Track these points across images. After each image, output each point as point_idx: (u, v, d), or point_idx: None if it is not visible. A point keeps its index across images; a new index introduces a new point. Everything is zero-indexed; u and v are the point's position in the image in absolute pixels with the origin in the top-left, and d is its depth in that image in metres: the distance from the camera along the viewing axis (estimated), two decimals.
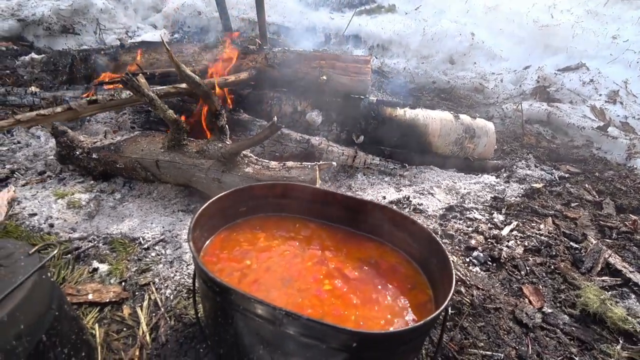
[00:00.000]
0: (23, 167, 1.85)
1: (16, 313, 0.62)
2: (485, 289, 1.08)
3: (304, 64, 2.02)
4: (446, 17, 4.40)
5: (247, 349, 0.62)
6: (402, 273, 0.73)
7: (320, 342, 0.51)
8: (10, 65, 3.07)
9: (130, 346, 0.92)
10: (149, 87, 1.31)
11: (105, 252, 1.24)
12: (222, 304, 0.58)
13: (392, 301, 0.65)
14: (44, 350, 0.69)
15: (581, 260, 1.29)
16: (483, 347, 0.90)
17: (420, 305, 0.65)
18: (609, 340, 0.95)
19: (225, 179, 1.44)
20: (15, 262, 0.70)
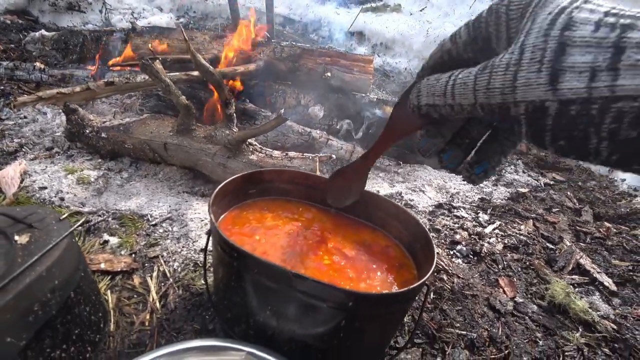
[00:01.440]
0: (31, 142, 1.91)
1: (53, 269, 0.70)
2: (465, 278, 1.19)
3: (310, 60, 2.10)
4: (450, 20, 4.48)
5: (255, 311, 0.71)
6: (392, 255, 0.83)
7: (322, 302, 0.60)
8: (15, 39, 3.08)
9: (141, 311, 1.00)
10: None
11: (114, 226, 1.32)
12: (237, 269, 0.67)
13: (382, 277, 0.75)
14: (71, 305, 0.78)
15: (555, 259, 1.41)
16: (459, 327, 1.01)
17: (407, 282, 0.75)
18: (570, 328, 1.07)
19: (231, 165, 1.52)
20: (48, 226, 0.78)
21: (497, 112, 0.34)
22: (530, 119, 0.31)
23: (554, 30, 0.30)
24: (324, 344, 0.70)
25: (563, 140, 0.31)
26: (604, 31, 0.27)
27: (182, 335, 0.94)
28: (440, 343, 0.97)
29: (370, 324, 0.68)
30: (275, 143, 1.97)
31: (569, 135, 0.30)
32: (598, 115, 0.27)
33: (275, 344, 0.73)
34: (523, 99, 0.31)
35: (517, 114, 0.32)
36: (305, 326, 0.68)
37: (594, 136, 0.29)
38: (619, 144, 0.28)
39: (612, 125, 0.27)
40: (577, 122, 0.29)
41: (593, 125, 0.28)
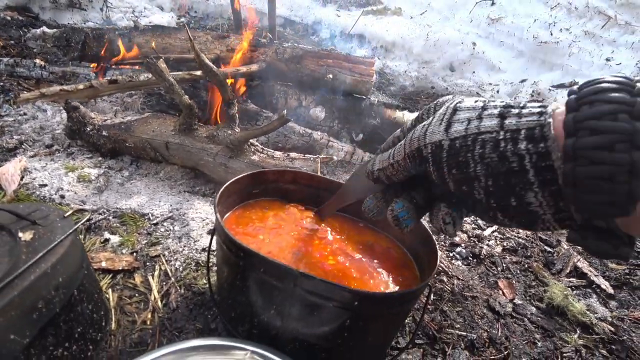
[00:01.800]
0: (30, 139, 1.90)
1: (57, 266, 0.70)
2: (465, 280, 1.20)
3: (312, 61, 2.11)
4: (450, 24, 4.52)
5: (259, 311, 0.72)
6: (394, 256, 0.84)
7: (327, 301, 0.61)
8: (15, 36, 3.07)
9: (143, 310, 1.00)
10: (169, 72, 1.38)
11: (115, 225, 1.32)
12: (243, 268, 0.67)
13: (385, 278, 0.76)
14: (74, 303, 0.78)
15: (553, 262, 1.42)
16: (459, 328, 1.02)
17: (409, 282, 0.76)
18: (568, 329, 1.08)
19: (232, 165, 1.53)
20: (52, 223, 0.78)
21: (416, 156, 0.45)
22: (433, 155, 0.43)
23: (452, 105, 0.45)
24: (328, 343, 0.70)
25: (455, 169, 0.41)
26: (479, 103, 0.43)
27: (184, 334, 0.94)
28: (440, 344, 0.98)
29: (374, 323, 0.68)
30: (276, 144, 1.98)
31: (457, 163, 0.41)
32: (471, 144, 0.40)
33: (279, 343, 0.73)
34: (430, 141, 0.44)
35: (427, 154, 0.44)
36: (309, 325, 0.69)
37: (472, 161, 0.40)
38: (488, 166, 0.39)
39: (480, 150, 0.39)
40: (460, 152, 0.41)
41: (469, 151, 0.40)
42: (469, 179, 0.40)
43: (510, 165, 0.37)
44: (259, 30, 3.48)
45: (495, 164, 0.38)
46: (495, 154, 0.38)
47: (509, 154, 0.37)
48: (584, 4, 4.31)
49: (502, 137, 0.38)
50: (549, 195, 0.36)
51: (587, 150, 0.33)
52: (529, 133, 0.36)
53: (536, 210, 0.38)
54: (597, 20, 4.20)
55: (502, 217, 0.41)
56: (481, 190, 0.40)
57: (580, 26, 4.22)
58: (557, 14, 4.34)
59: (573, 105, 0.35)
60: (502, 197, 0.39)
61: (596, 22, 4.19)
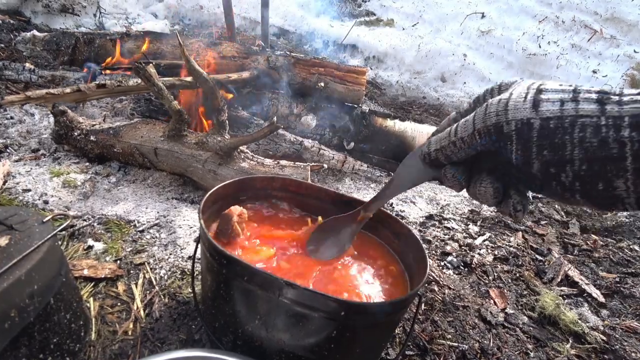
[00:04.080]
0: (16, 143, 1.86)
1: (32, 273, 0.67)
2: (456, 290, 1.19)
3: (304, 70, 2.11)
4: (441, 36, 4.59)
5: (244, 321, 0.69)
6: (384, 264, 0.82)
7: (313, 311, 0.59)
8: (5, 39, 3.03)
9: (125, 320, 0.97)
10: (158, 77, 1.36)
11: (100, 231, 1.28)
12: (226, 276, 0.65)
13: (374, 286, 0.74)
14: (50, 312, 0.74)
15: (544, 271, 1.42)
16: (450, 338, 1.00)
17: (399, 291, 0.74)
18: (560, 339, 1.07)
19: (221, 172, 1.51)
20: (30, 228, 0.75)
21: (493, 131, 0.43)
22: (519, 133, 0.41)
23: (533, 85, 0.43)
24: (314, 355, 0.68)
25: (547, 150, 0.40)
26: (564, 86, 0.42)
27: (166, 345, 0.90)
28: (431, 355, 0.96)
29: (362, 334, 0.66)
30: (266, 151, 1.96)
31: (552, 144, 0.39)
32: (569, 127, 0.39)
33: (265, 355, 0.71)
34: (513, 117, 0.41)
35: (509, 131, 0.42)
36: (295, 336, 0.66)
37: (569, 144, 0.38)
38: (587, 151, 0.38)
39: (580, 133, 0.38)
40: (556, 133, 0.39)
41: (567, 133, 0.38)
42: (563, 161, 0.39)
43: (610, 152, 0.36)
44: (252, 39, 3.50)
45: (595, 149, 0.37)
46: (596, 139, 0.37)
47: (611, 140, 0.36)
48: (570, 17, 4.43)
49: (604, 123, 0.37)
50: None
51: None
52: (633, 120, 0.35)
53: (620, 194, 0.38)
54: (583, 33, 4.32)
55: (580, 198, 0.40)
56: (570, 174, 0.39)
57: (568, 39, 4.32)
58: (545, 27, 4.45)
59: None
60: (590, 181, 0.38)
61: (582, 35, 4.31)
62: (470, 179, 0.50)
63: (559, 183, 0.40)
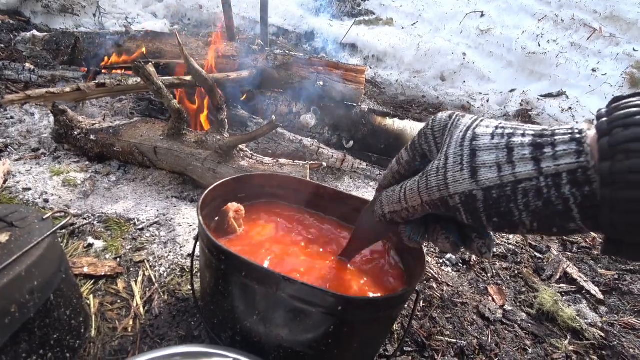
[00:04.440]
0: (16, 142, 1.87)
1: (32, 269, 0.68)
2: (455, 286, 1.19)
3: (303, 68, 2.12)
4: (441, 35, 4.60)
5: (242, 317, 0.70)
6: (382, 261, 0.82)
7: (311, 306, 0.59)
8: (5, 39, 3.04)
9: (124, 317, 0.97)
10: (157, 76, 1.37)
11: (100, 229, 1.29)
12: (225, 272, 0.65)
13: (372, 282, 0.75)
14: (50, 308, 0.75)
15: (542, 268, 1.42)
16: (449, 335, 1.01)
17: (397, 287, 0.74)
18: (558, 335, 1.08)
19: (221, 170, 1.51)
20: (30, 225, 0.75)
21: (440, 205, 0.44)
22: (465, 205, 0.42)
23: (465, 141, 0.42)
24: (312, 351, 0.68)
25: (496, 218, 0.40)
26: (497, 139, 0.41)
27: (166, 341, 0.91)
28: (430, 351, 0.96)
29: (360, 329, 0.67)
30: (266, 150, 1.97)
31: (498, 212, 0.40)
32: (512, 194, 0.39)
33: (263, 351, 0.71)
34: (455, 191, 0.42)
35: (455, 204, 0.42)
36: (293, 332, 0.67)
37: (516, 210, 0.39)
38: (534, 213, 0.38)
39: (524, 199, 0.38)
40: (501, 202, 0.39)
41: (512, 201, 0.39)
42: (514, 224, 0.40)
43: (556, 208, 0.37)
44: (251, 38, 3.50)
45: (541, 209, 0.38)
46: (540, 201, 0.38)
47: (554, 199, 0.37)
48: (569, 16, 4.43)
49: (544, 184, 0.37)
50: (590, 222, 0.37)
51: (623, 174, 0.33)
52: (571, 177, 0.36)
53: (575, 229, 0.39)
54: (582, 32, 4.32)
55: (538, 233, 0.42)
56: (524, 230, 0.41)
57: (567, 38, 4.32)
58: (544, 25, 4.45)
59: (605, 129, 0.36)
60: (544, 229, 0.40)
61: (582, 34, 4.31)
62: (427, 231, 0.52)
63: (516, 233, 0.43)
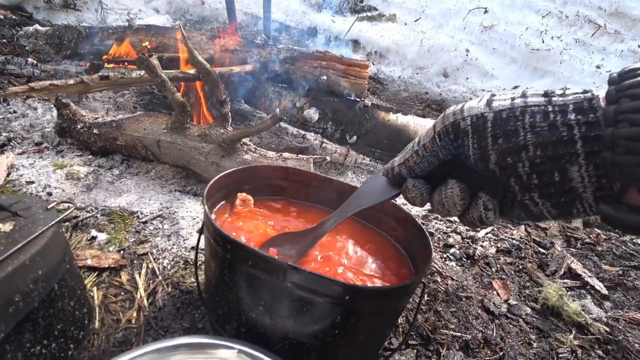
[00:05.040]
0: (20, 137, 1.87)
1: (36, 258, 0.67)
2: (459, 281, 1.19)
3: (306, 63, 2.11)
4: (444, 31, 4.57)
5: (247, 307, 0.69)
6: (389, 254, 0.82)
7: (317, 296, 0.59)
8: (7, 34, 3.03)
9: (128, 308, 0.97)
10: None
11: (103, 222, 1.29)
12: (230, 261, 0.65)
13: (379, 275, 0.74)
14: (54, 298, 0.75)
15: (547, 264, 1.41)
16: (454, 329, 1.00)
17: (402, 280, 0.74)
18: (563, 330, 1.07)
19: (224, 164, 1.51)
20: (34, 215, 0.75)
21: (451, 130, 0.45)
22: (474, 127, 0.43)
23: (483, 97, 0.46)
24: (318, 342, 0.68)
25: (501, 139, 0.41)
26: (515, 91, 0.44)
27: (170, 333, 0.90)
28: (434, 345, 0.96)
29: (366, 320, 0.66)
30: (269, 145, 1.96)
31: (504, 132, 0.41)
32: (520, 114, 0.41)
33: (268, 342, 0.71)
34: (469, 114, 0.44)
35: (465, 126, 0.44)
36: (299, 322, 0.66)
37: (521, 130, 0.40)
38: (538, 135, 0.39)
39: (530, 119, 0.40)
40: (509, 121, 0.41)
41: (519, 120, 0.40)
42: (517, 148, 0.40)
43: (560, 135, 0.38)
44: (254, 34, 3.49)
45: (545, 132, 0.39)
46: (545, 123, 0.39)
47: (559, 124, 0.38)
48: (574, 12, 4.40)
49: (552, 109, 0.39)
50: (593, 169, 0.37)
51: (627, 113, 0.34)
52: (577, 106, 0.38)
53: (577, 187, 0.38)
54: (587, 28, 4.28)
55: (539, 199, 0.41)
56: (526, 163, 0.40)
57: (571, 34, 4.29)
58: (548, 22, 4.42)
59: (615, 79, 0.38)
60: (546, 170, 0.39)
61: (586, 30, 4.28)
62: (434, 189, 0.50)
63: (517, 178, 0.41)
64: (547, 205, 0.41)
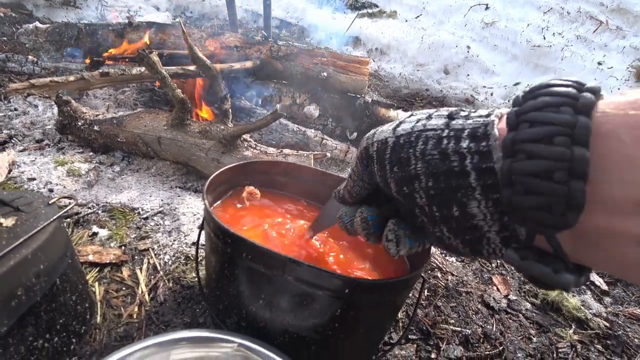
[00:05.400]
0: (21, 134, 1.87)
1: (38, 253, 0.68)
2: (459, 276, 1.19)
3: (306, 59, 2.10)
4: (445, 28, 4.55)
5: (248, 301, 0.70)
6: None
7: (317, 289, 0.59)
8: (7, 32, 3.03)
9: (130, 303, 0.98)
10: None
11: (104, 218, 1.29)
12: (231, 255, 0.65)
13: (378, 269, 0.74)
14: (56, 293, 0.75)
15: None
16: (454, 323, 1.01)
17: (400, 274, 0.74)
18: (563, 325, 1.07)
19: (225, 160, 1.51)
20: (36, 210, 0.75)
21: (364, 155, 0.45)
22: (378, 153, 0.42)
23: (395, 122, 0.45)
24: (318, 335, 0.68)
25: (396, 167, 0.40)
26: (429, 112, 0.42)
27: (171, 328, 0.91)
28: (434, 339, 0.96)
29: (366, 314, 0.67)
30: (269, 141, 1.96)
31: (398, 160, 0.39)
32: (415, 140, 0.38)
33: (268, 336, 0.71)
34: (377, 139, 0.43)
35: (372, 152, 0.43)
36: (299, 316, 0.67)
37: (413, 158, 0.38)
38: (429, 164, 0.37)
39: (422, 146, 0.37)
40: (404, 148, 0.39)
41: (411, 148, 0.38)
42: (410, 177, 0.38)
43: (451, 165, 0.34)
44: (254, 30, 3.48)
45: (436, 162, 0.36)
46: (436, 151, 0.36)
47: (450, 152, 0.35)
48: (575, 9, 4.38)
49: (446, 134, 0.36)
50: (492, 206, 0.33)
51: (525, 143, 0.29)
52: (472, 132, 0.34)
53: (480, 224, 0.34)
54: (588, 25, 4.26)
55: (448, 233, 0.37)
56: (422, 194, 0.37)
57: (573, 31, 4.27)
58: (549, 18, 4.40)
59: (519, 101, 0.33)
60: (443, 203, 0.36)
61: (588, 26, 4.26)
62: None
63: (420, 209, 0.38)
64: (458, 242, 0.37)
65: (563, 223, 0.28)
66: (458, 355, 0.92)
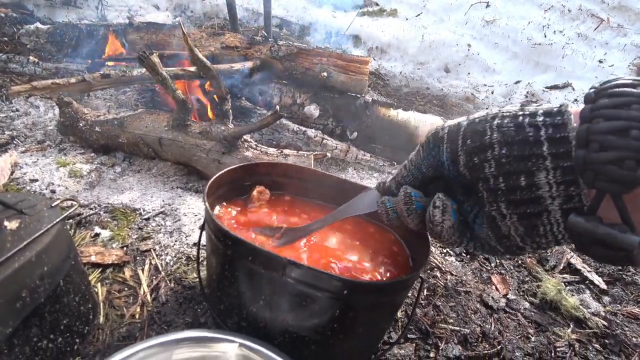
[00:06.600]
0: (22, 135, 1.88)
1: (42, 255, 0.69)
2: (458, 275, 1.20)
3: (307, 59, 2.11)
4: (445, 26, 4.54)
5: (248, 302, 0.71)
6: (389, 248, 0.83)
7: (316, 290, 0.60)
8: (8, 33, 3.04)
9: (132, 304, 0.99)
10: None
11: (106, 219, 1.30)
12: (231, 257, 0.66)
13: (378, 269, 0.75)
14: (60, 294, 0.76)
15: (546, 259, 1.42)
16: (452, 323, 1.02)
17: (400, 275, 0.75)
18: (561, 324, 1.08)
19: (225, 161, 1.52)
20: (39, 212, 0.76)
21: (431, 139, 0.47)
22: (449, 133, 0.45)
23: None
24: (318, 335, 0.69)
25: (470, 139, 0.42)
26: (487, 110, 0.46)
27: (173, 328, 0.92)
28: (433, 338, 0.97)
29: (365, 314, 0.68)
30: (270, 141, 1.97)
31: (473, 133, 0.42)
32: (491, 119, 0.42)
33: (269, 336, 0.72)
34: (448, 125, 0.46)
35: (443, 134, 0.46)
36: (299, 316, 0.68)
37: (488, 129, 0.41)
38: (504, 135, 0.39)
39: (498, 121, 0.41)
40: (478, 124, 0.42)
41: (487, 122, 0.42)
42: (483, 146, 0.40)
43: (526, 135, 0.37)
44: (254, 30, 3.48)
45: (512, 132, 0.38)
46: (512, 123, 0.39)
47: (526, 125, 0.38)
48: (576, 6, 4.36)
49: (521, 113, 0.40)
50: (561, 175, 0.35)
51: (602, 109, 0.33)
52: (547, 111, 0.38)
53: (544, 196, 0.36)
54: (589, 22, 4.25)
55: (506, 209, 0.39)
56: (493, 162, 0.39)
57: (574, 28, 4.26)
58: (550, 16, 4.39)
59: (591, 97, 0.36)
60: (512, 172, 0.38)
61: (589, 24, 4.24)
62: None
63: (485, 182, 0.40)
64: (514, 219, 0.39)
65: (632, 178, 0.31)
66: (457, 355, 0.93)
